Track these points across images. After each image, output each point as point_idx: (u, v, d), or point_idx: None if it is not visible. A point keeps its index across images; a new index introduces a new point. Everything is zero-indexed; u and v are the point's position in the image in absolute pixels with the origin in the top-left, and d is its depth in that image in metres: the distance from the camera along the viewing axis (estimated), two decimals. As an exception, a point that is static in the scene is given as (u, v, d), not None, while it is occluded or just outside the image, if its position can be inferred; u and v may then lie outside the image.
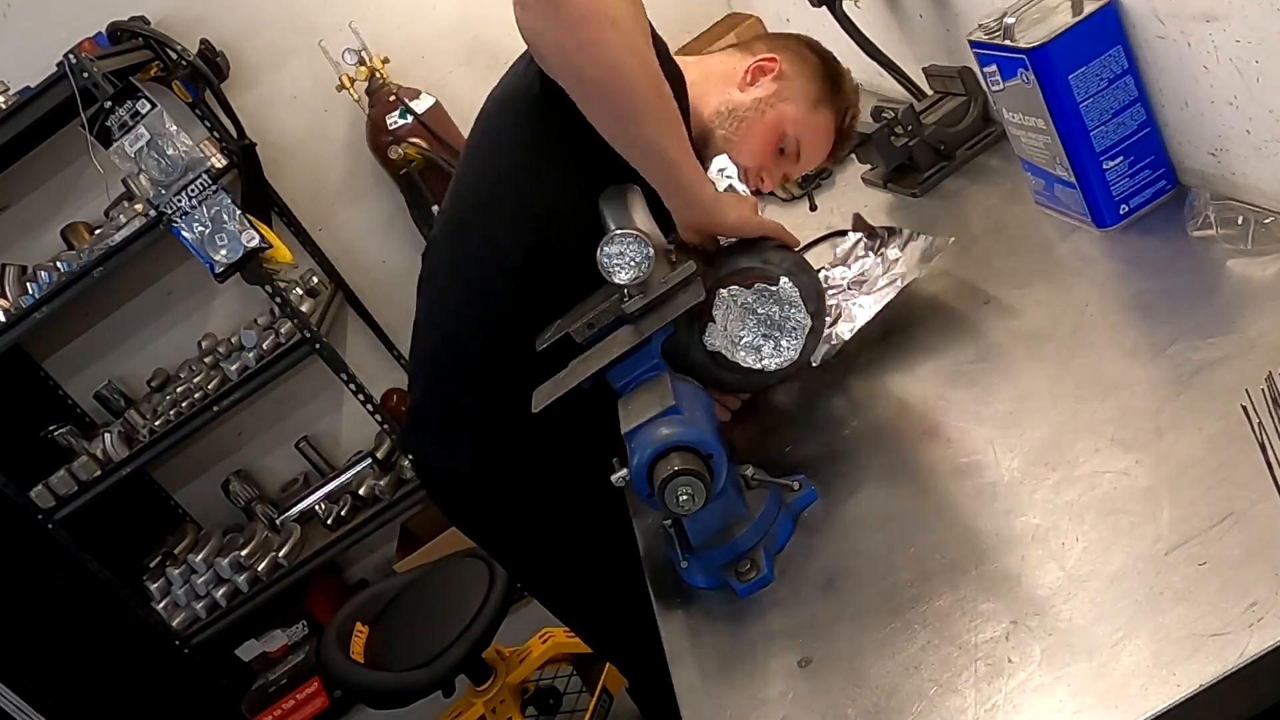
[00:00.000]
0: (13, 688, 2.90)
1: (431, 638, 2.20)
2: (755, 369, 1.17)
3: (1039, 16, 1.18)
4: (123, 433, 2.99)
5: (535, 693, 2.67)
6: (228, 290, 3.22)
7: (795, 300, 1.14)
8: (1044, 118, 1.19)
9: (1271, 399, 0.82)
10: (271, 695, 3.26)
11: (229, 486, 3.48)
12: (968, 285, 1.32)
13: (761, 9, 2.85)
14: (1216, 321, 0.98)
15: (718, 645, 1.00)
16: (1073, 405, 0.99)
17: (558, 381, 1.14)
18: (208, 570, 3.11)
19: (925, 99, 1.78)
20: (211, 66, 2.91)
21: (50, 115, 2.67)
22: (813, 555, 1.03)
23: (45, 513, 2.88)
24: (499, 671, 2.38)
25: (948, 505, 0.97)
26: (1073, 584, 0.80)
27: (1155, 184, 1.22)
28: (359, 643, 2.28)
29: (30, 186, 3.13)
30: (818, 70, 1.48)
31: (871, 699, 0.81)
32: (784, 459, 1.22)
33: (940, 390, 1.15)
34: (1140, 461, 0.87)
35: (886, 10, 1.93)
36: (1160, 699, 0.67)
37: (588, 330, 1.14)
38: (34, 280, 2.83)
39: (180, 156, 2.56)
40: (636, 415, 1.03)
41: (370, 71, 2.95)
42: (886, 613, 0.89)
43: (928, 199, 1.63)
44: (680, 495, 0.97)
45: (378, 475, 3.21)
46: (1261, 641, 0.66)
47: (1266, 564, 0.71)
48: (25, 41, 2.91)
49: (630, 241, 1.07)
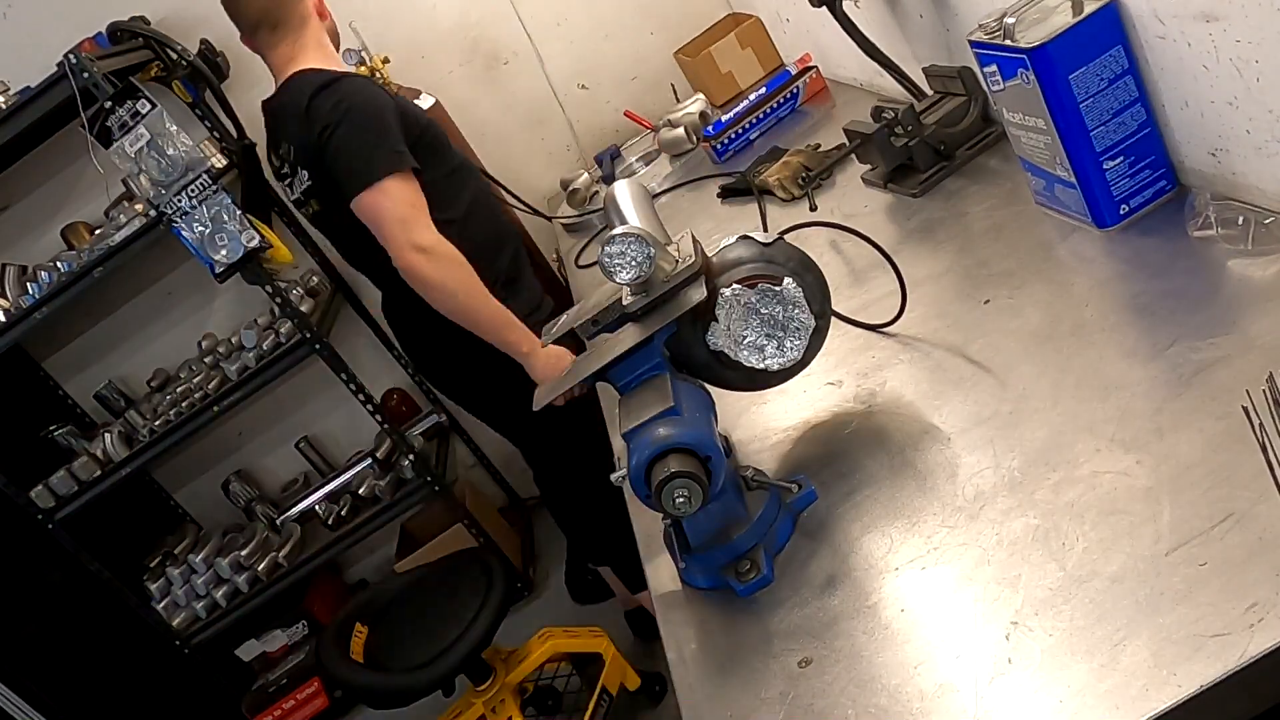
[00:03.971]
0: (13, 688, 2.90)
1: (431, 638, 2.20)
2: (758, 369, 1.17)
3: (1039, 16, 1.18)
4: (123, 433, 2.98)
5: (535, 693, 2.67)
6: (228, 290, 3.21)
7: (799, 300, 1.14)
8: (1044, 118, 1.19)
9: (1272, 399, 0.82)
10: (271, 695, 3.26)
11: (229, 486, 3.48)
12: (968, 285, 1.32)
13: (761, 9, 2.86)
14: (1216, 321, 0.98)
15: (718, 645, 1.00)
16: (1073, 405, 0.99)
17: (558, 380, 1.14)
18: (208, 570, 3.11)
19: (925, 99, 1.78)
20: (211, 66, 2.91)
21: (50, 115, 2.66)
22: (813, 555, 1.03)
23: (45, 513, 2.88)
24: (499, 671, 2.38)
25: (948, 505, 0.97)
26: (1073, 584, 0.80)
27: (1155, 184, 1.22)
28: (359, 643, 2.28)
29: (30, 186, 3.13)
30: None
31: (871, 699, 0.81)
32: (784, 459, 1.22)
33: (940, 390, 1.15)
34: (1140, 461, 0.87)
35: (886, 10, 1.93)
36: (1161, 699, 0.67)
37: (592, 327, 1.14)
38: (34, 280, 2.83)
39: (180, 156, 2.56)
40: (636, 415, 1.03)
41: (370, 71, 2.95)
42: (886, 612, 0.89)
43: (928, 199, 1.63)
44: (677, 497, 0.97)
45: (378, 475, 3.21)
46: (1262, 642, 0.66)
47: (1267, 564, 0.71)
48: (25, 41, 2.91)
49: (631, 241, 1.07)
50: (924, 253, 1.48)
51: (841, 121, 1.88)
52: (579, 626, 2.54)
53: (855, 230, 1.34)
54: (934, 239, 1.50)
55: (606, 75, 3.26)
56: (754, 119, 2.46)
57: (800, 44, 2.64)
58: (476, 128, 3.20)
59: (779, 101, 2.47)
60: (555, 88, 3.25)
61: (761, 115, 2.46)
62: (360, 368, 3.17)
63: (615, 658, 2.45)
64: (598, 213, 2.70)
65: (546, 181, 3.26)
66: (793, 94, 2.47)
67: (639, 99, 3.19)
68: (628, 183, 1.31)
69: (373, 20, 3.04)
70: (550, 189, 3.24)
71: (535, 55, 3.21)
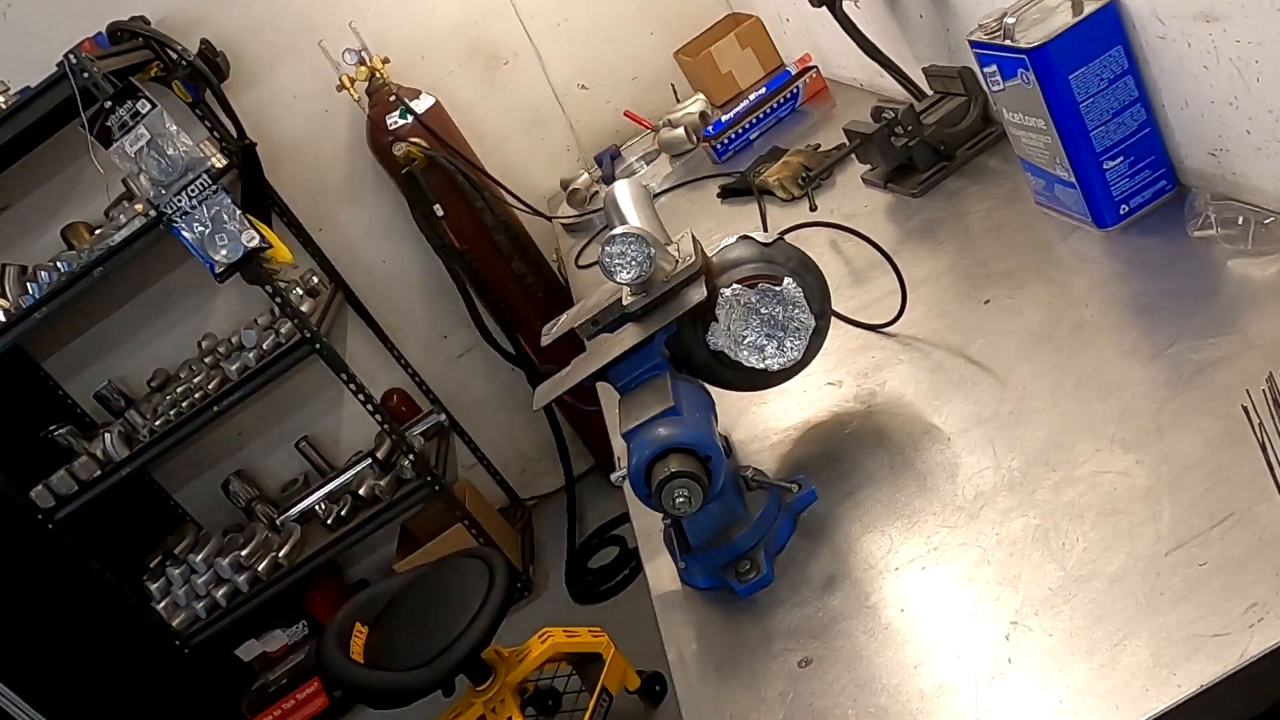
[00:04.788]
0: (13, 688, 2.90)
1: (431, 638, 2.20)
2: (758, 369, 1.17)
3: (1039, 16, 1.18)
4: (123, 433, 2.98)
5: (535, 693, 2.67)
6: (228, 290, 3.21)
7: (799, 300, 1.14)
8: (1044, 118, 1.19)
9: (1271, 399, 0.82)
10: (271, 695, 3.26)
11: (229, 486, 3.48)
12: (968, 285, 1.32)
13: (761, 9, 2.86)
14: (1216, 322, 0.98)
15: (718, 645, 1.00)
16: (1073, 405, 0.99)
17: (558, 380, 1.14)
18: (208, 570, 3.11)
19: (925, 99, 1.78)
20: (211, 66, 2.91)
21: (50, 115, 2.66)
22: (813, 555, 1.03)
23: (45, 513, 2.88)
24: (499, 671, 2.38)
25: (948, 505, 0.97)
26: (1073, 584, 0.80)
27: (1155, 184, 1.22)
28: (359, 643, 2.28)
29: (30, 186, 3.13)
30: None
31: (871, 699, 0.81)
32: (784, 459, 1.22)
33: (940, 390, 1.15)
34: (1140, 461, 0.87)
35: (886, 10, 1.93)
36: (1161, 699, 0.67)
37: (592, 327, 1.14)
38: (34, 280, 2.83)
39: (180, 156, 2.56)
40: (636, 415, 1.03)
41: (370, 71, 2.95)
42: (886, 612, 0.89)
43: (928, 199, 1.63)
44: (677, 497, 0.97)
45: (378, 475, 3.21)
46: (1262, 642, 0.66)
47: (1267, 564, 0.71)
48: (25, 41, 2.91)
49: (631, 241, 1.07)
50: (924, 253, 1.48)
51: (841, 121, 1.88)
52: (579, 626, 2.54)
53: (855, 230, 1.34)
54: (934, 239, 1.50)
55: (606, 75, 3.26)
56: (754, 119, 2.46)
57: (800, 44, 2.64)
58: (476, 128, 3.20)
59: (779, 101, 2.47)
60: (555, 88, 3.25)
61: (761, 115, 2.46)
62: (360, 368, 3.17)
63: (615, 658, 2.45)
64: (598, 213, 2.70)
65: (546, 181, 3.26)
66: (793, 94, 2.47)
67: (639, 99, 3.19)
68: (628, 183, 1.31)
69: (372, 20, 3.04)
70: (550, 189, 3.24)
71: (535, 55, 3.21)
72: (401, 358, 3.48)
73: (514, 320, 3.26)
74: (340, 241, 3.33)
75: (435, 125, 2.98)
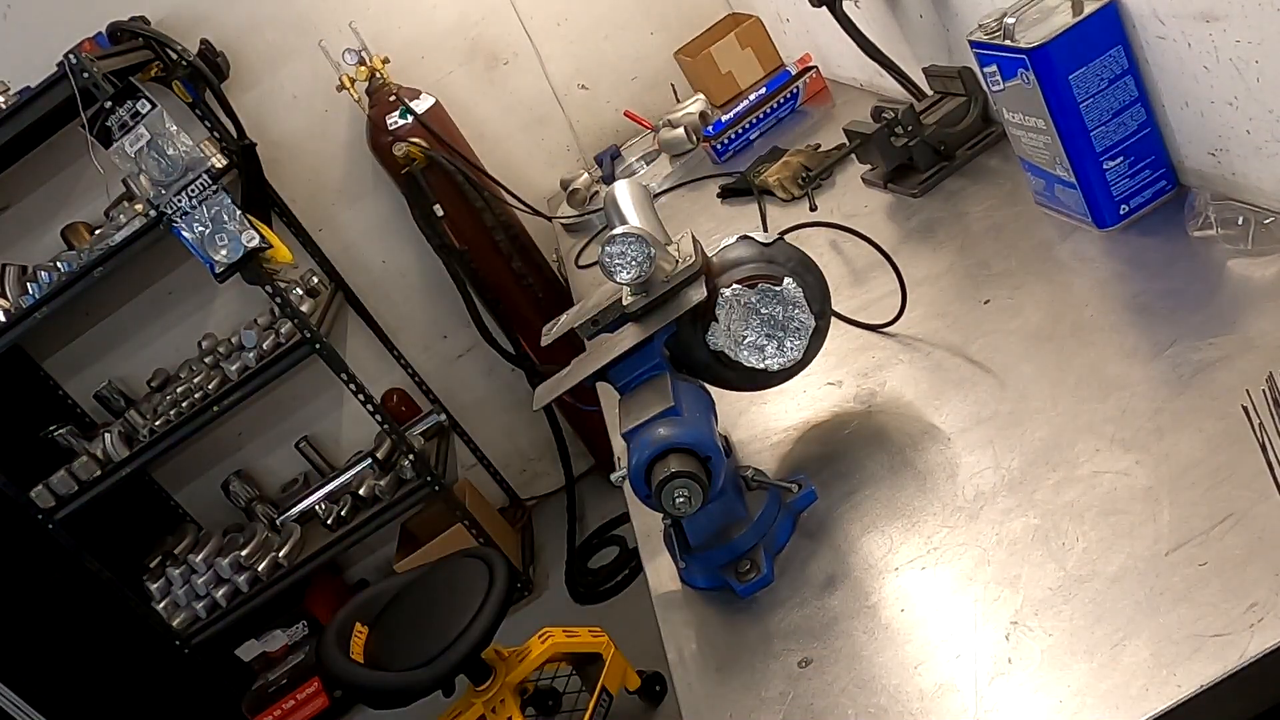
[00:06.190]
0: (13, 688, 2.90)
1: (431, 638, 2.20)
2: (758, 369, 1.17)
3: (1039, 16, 1.18)
4: (123, 433, 2.98)
5: (535, 693, 2.67)
6: (228, 290, 3.21)
7: (799, 301, 1.14)
8: (1044, 118, 1.19)
9: (1271, 399, 0.82)
10: (271, 695, 3.26)
11: (229, 486, 3.48)
12: (968, 285, 1.32)
13: (762, 9, 2.86)
14: (1216, 321, 0.98)
15: (718, 645, 1.00)
16: (1073, 405, 0.99)
17: (558, 380, 1.14)
18: (208, 570, 3.11)
19: (925, 99, 1.78)
20: (211, 66, 2.91)
21: (50, 115, 2.66)
22: (813, 555, 1.03)
23: (45, 513, 2.88)
24: (499, 671, 2.38)
25: (948, 505, 0.97)
26: (1073, 584, 0.80)
27: (1155, 184, 1.22)
28: (359, 643, 2.28)
29: (30, 186, 3.13)
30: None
31: (871, 699, 0.81)
32: (784, 459, 1.22)
33: (940, 390, 1.15)
34: (1140, 461, 0.87)
35: (886, 10, 1.93)
36: (1161, 700, 0.67)
37: (592, 327, 1.14)
38: (34, 280, 2.83)
39: (180, 156, 2.56)
40: (636, 415, 1.03)
41: (370, 71, 2.95)
42: (886, 612, 0.89)
43: (928, 199, 1.63)
44: (677, 497, 0.97)
45: (378, 475, 3.21)
46: (1262, 642, 0.66)
47: (1267, 564, 0.71)
48: (25, 41, 2.91)
49: (631, 241, 1.07)
50: (924, 253, 1.48)
51: (841, 121, 1.88)
52: (579, 626, 2.54)
53: (855, 230, 1.34)
54: (934, 239, 1.50)
55: (606, 75, 3.26)
56: (754, 119, 2.46)
57: (800, 44, 2.64)
58: (476, 128, 3.20)
59: (779, 101, 2.47)
60: (555, 88, 3.26)
61: (761, 115, 2.46)
62: (360, 368, 3.17)
63: (615, 658, 2.45)
64: (598, 213, 2.70)
65: (546, 181, 3.26)
66: (793, 94, 2.47)
67: (639, 99, 3.19)
68: (628, 183, 1.31)
69: (372, 20, 3.04)
70: (550, 189, 3.24)
71: (535, 55, 3.21)
72: (401, 358, 3.48)
73: (514, 320, 3.26)
74: (340, 241, 3.33)
75: (435, 125, 2.98)
